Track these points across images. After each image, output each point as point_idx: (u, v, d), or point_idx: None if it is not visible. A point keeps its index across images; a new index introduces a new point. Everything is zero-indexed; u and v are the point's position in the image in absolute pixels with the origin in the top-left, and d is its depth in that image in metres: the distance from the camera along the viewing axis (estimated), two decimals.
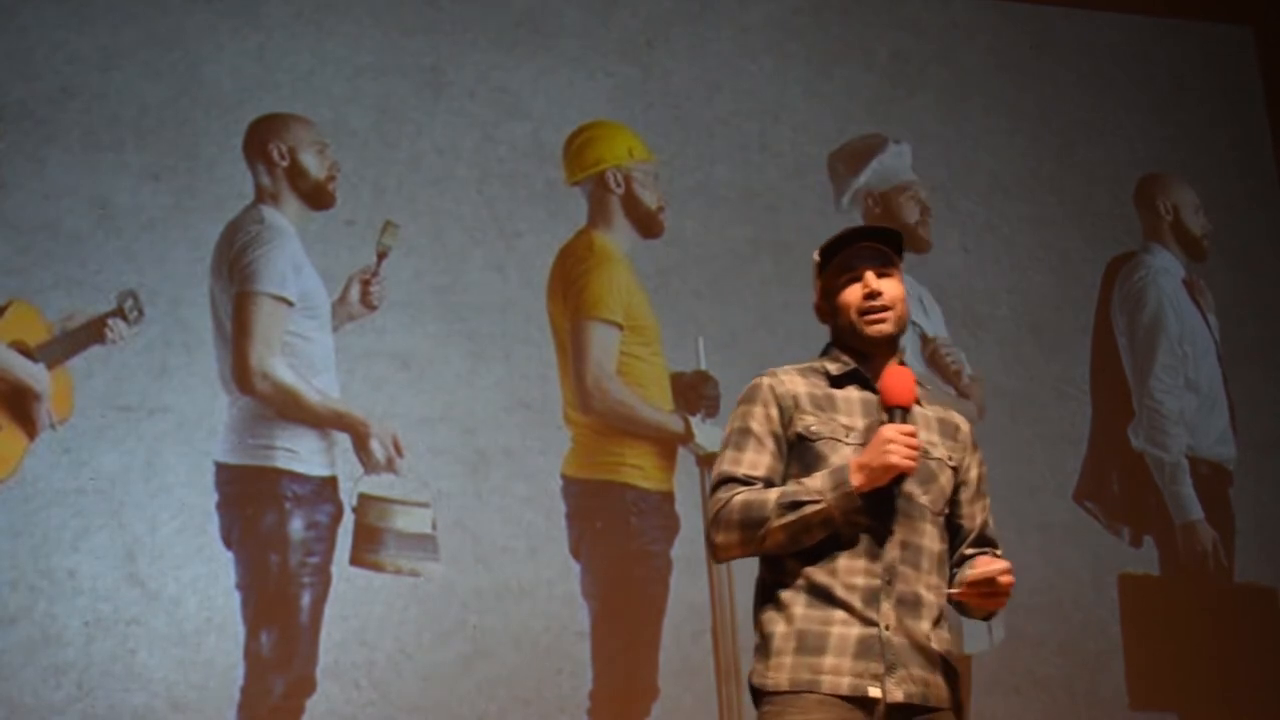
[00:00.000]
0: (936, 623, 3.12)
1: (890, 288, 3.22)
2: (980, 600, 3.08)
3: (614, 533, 5.56)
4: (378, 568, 5.31)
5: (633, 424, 5.64)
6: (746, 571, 5.64)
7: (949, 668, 3.12)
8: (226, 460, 5.26)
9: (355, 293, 5.53)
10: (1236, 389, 6.51)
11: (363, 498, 5.35)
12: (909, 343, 6.06)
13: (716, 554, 3.14)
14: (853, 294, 3.22)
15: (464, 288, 5.66)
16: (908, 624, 3.06)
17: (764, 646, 3.09)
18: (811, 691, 3.00)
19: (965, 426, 3.31)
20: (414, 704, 5.23)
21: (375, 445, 5.38)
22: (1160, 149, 6.74)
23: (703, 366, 5.80)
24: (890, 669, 3.02)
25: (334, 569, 5.27)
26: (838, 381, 3.21)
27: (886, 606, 3.05)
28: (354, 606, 5.26)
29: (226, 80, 5.61)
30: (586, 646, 5.43)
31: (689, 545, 5.61)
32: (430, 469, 5.43)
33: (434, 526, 5.39)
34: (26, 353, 5.16)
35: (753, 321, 5.92)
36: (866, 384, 3.20)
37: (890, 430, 3.03)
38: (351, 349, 5.48)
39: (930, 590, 3.11)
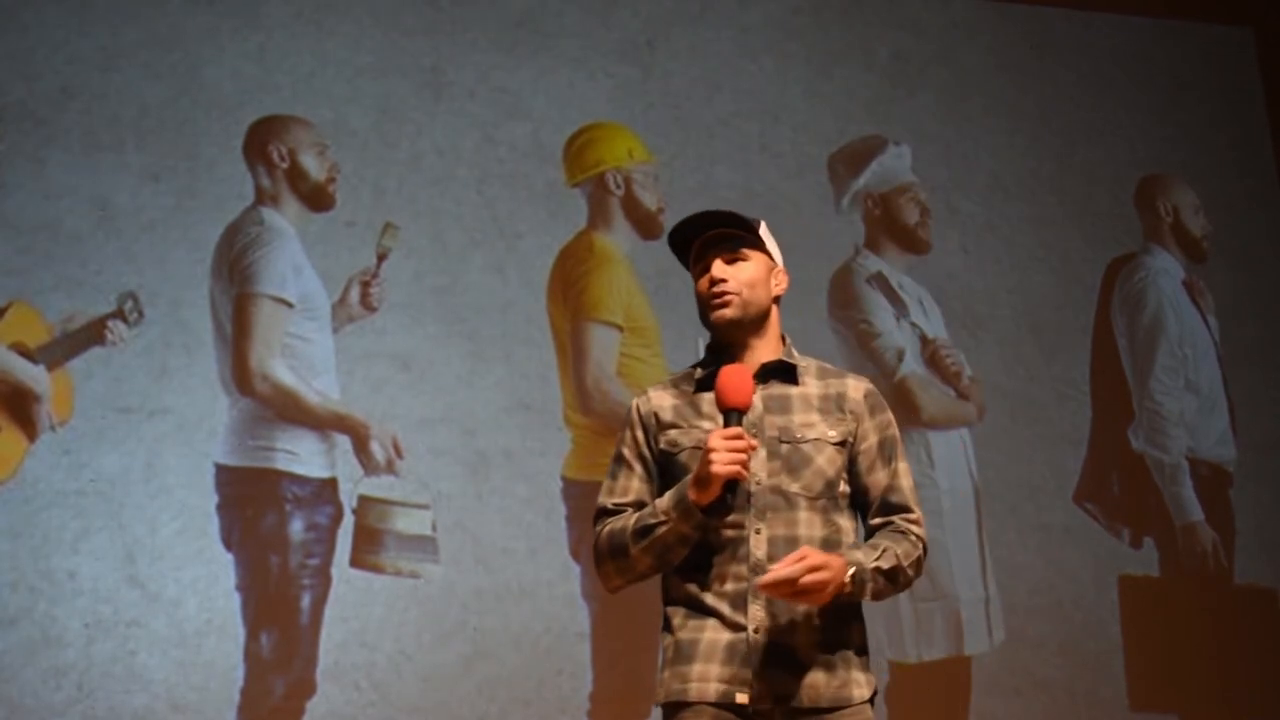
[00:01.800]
0: (821, 614, 3.00)
1: (740, 272, 3.14)
2: (790, 597, 2.92)
3: None
4: (378, 569, 5.32)
5: None
6: None
7: (829, 664, 3.00)
8: (226, 462, 5.26)
9: (355, 294, 5.53)
10: (1236, 390, 6.51)
11: (363, 499, 5.35)
12: (909, 344, 6.07)
13: (606, 585, 3.13)
14: (703, 285, 3.16)
15: (464, 289, 5.66)
16: (780, 623, 2.99)
17: (661, 660, 3.09)
18: (682, 702, 2.99)
19: (856, 394, 3.18)
20: (414, 705, 5.23)
21: (375, 447, 5.38)
22: (1160, 150, 6.74)
23: None
24: (758, 673, 2.97)
25: (334, 570, 5.27)
26: (702, 384, 3.15)
27: (755, 608, 3.00)
28: (354, 608, 5.26)
29: (227, 81, 5.61)
30: (587, 648, 5.44)
31: None
32: (430, 470, 5.43)
33: (434, 528, 5.39)
34: (27, 354, 5.16)
35: None
36: None
37: (713, 438, 2.92)
38: (351, 350, 5.48)
39: None
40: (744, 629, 2.99)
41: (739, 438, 2.92)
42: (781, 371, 3.18)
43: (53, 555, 5.06)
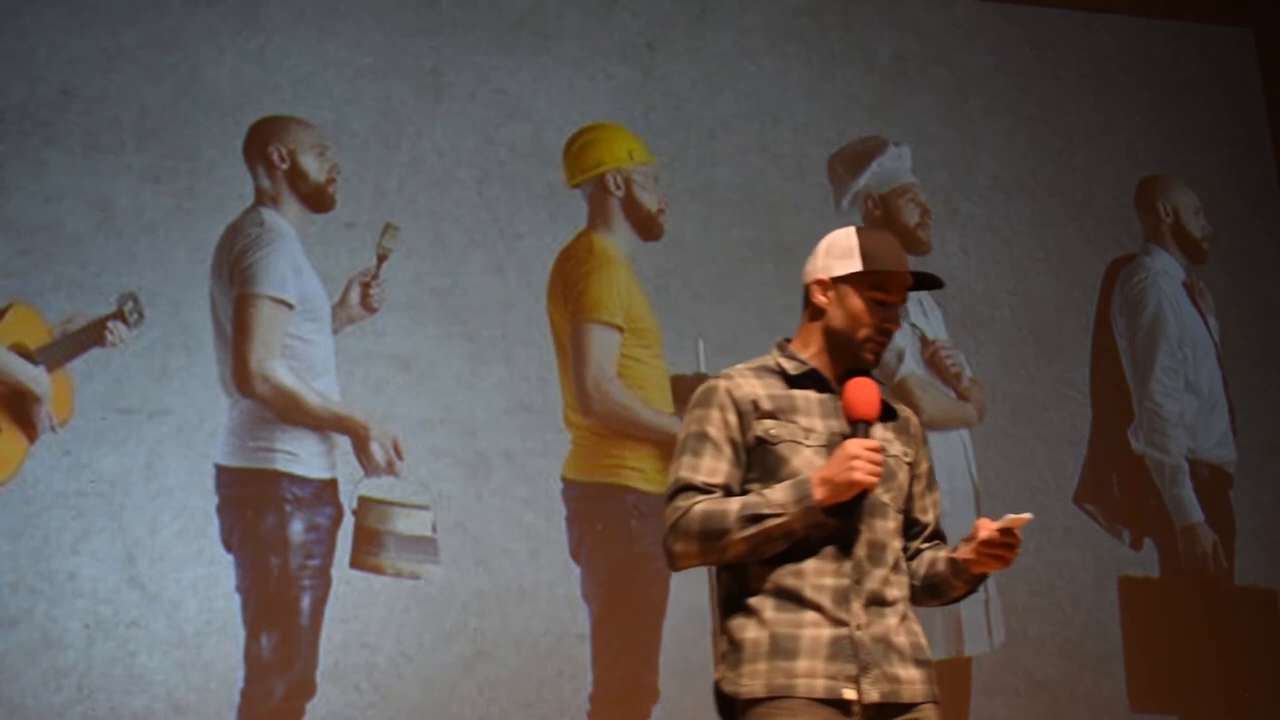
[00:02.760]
0: (904, 618, 3.12)
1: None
2: (991, 557, 3.13)
3: (614, 535, 5.56)
4: (378, 570, 5.32)
5: (633, 426, 5.65)
6: None
7: (921, 662, 3.12)
8: (227, 463, 5.26)
9: (355, 295, 5.53)
10: (1237, 391, 6.51)
11: (363, 500, 5.35)
12: (909, 345, 6.07)
13: (674, 562, 3.10)
14: (873, 314, 3.16)
15: (464, 290, 5.66)
16: (877, 622, 3.06)
17: (734, 653, 3.06)
18: (788, 696, 2.98)
19: (915, 420, 3.31)
20: (414, 706, 5.23)
21: (375, 448, 5.38)
22: (1160, 151, 6.74)
23: (703, 369, 5.80)
24: (864, 669, 3.02)
25: (334, 571, 5.27)
26: (795, 382, 3.18)
27: (856, 606, 3.05)
28: (354, 609, 5.26)
29: (227, 82, 5.60)
30: (587, 649, 5.43)
31: None
32: (430, 471, 5.43)
33: (434, 529, 5.39)
34: (27, 355, 5.16)
35: (753, 324, 5.91)
36: (824, 386, 3.18)
37: (855, 445, 3.01)
38: (351, 351, 5.48)
39: (896, 586, 3.11)
40: (846, 625, 3.03)
41: (879, 450, 3.02)
42: None
43: (53, 556, 5.06)
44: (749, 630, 3.06)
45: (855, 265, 3.16)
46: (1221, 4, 6.96)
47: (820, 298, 3.20)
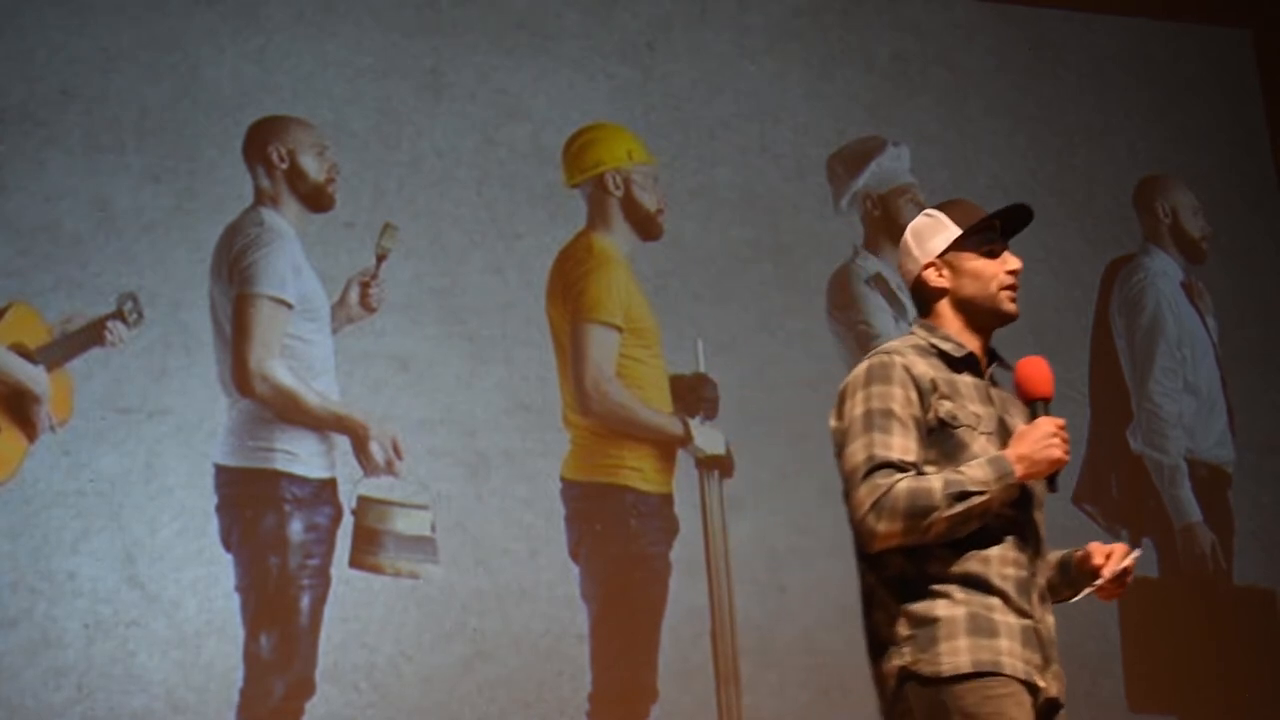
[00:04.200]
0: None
1: None
2: (1117, 588, 3.12)
3: (613, 535, 5.56)
4: (377, 570, 5.32)
5: (632, 426, 5.65)
6: (746, 573, 5.68)
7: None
8: (226, 462, 5.26)
9: (354, 295, 5.53)
10: (1235, 391, 6.52)
11: (362, 500, 5.35)
12: None
13: (874, 542, 2.96)
14: (995, 266, 3.14)
15: (463, 290, 5.66)
16: (1047, 617, 3.04)
17: (925, 633, 2.94)
18: (996, 673, 2.91)
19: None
20: (414, 706, 5.23)
21: (375, 447, 5.38)
22: (1159, 151, 6.74)
23: (702, 369, 5.80)
24: (1046, 663, 3.00)
25: (333, 571, 5.27)
26: (959, 364, 3.12)
27: (1035, 598, 3.02)
28: (354, 609, 5.27)
29: (227, 82, 5.60)
30: (586, 649, 5.44)
31: (688, 548, 5.62)
32: (430, 471, 5.43)
33: (433, 529, 5.39)
34: (26, 355, 5.16)
35: (752, 324, 5.92)
36: (976, 369, 3.14)
37: (1049, 424, 3.00)
38: (351, 351, 5.48)
39: (1045, 580, 3.09)
40: (1030, 617, 2.99)
41: (1064, 426, 3.01)
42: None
43: (52, 556, 5.06)
44: (939, 609, 2.95)
45: (953, 232, 3.14)
46: (1221, 5, 6.96)
47: (939, 280, 3.16)
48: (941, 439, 3.02)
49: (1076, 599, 3.21)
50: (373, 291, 5.54)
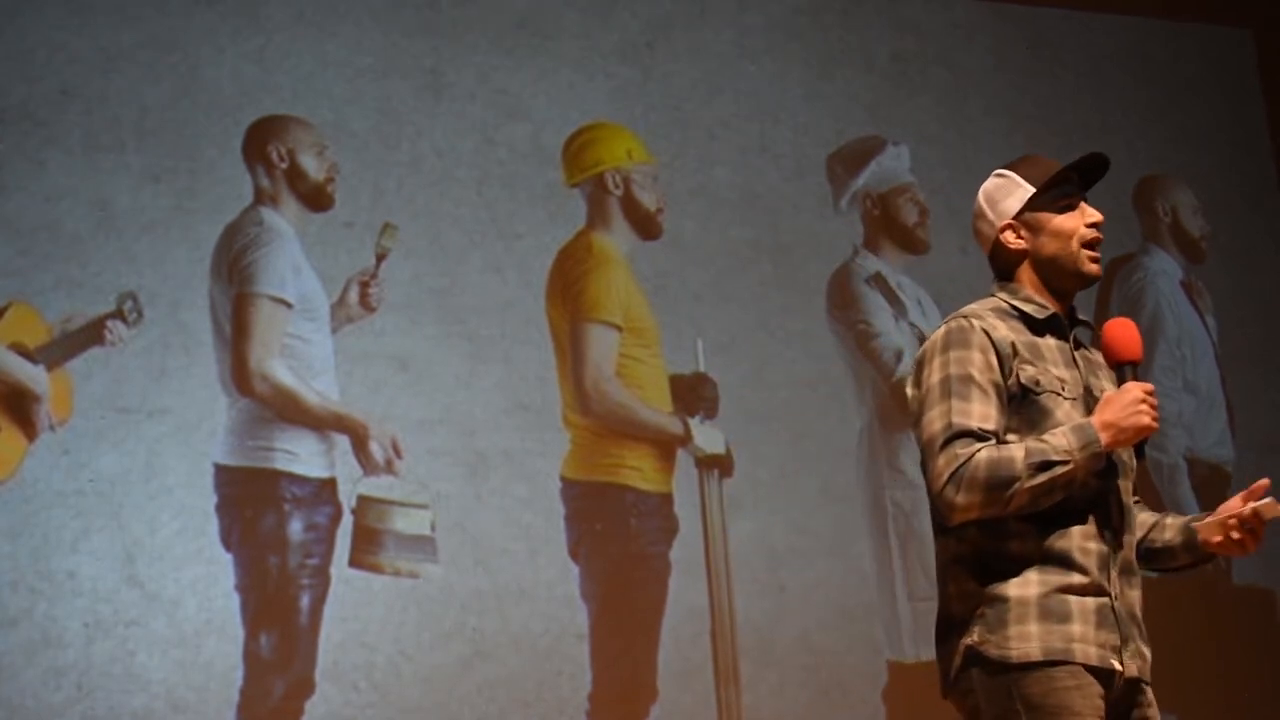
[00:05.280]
0: (1140, 590, 2.97)
1: None
2: (1237, 543, 2.94)
3: (613, 535, 5.56)
4: (377, 569, 5.32)
5: (632, 426, 5.65)
6: (746, 573, 5.68)
7: (1147, 638, 2.97)
8: (226, 462, 5.26)
9: (354, 295, 5.53)
10: (1235, 390, 6.52)
11: (362, 499, 5.35)
12: (907, 344, 6.07)
13: (953, 514, 2.83)
14: (1074, 221, 3.01)
15: (463, 289, 5.66)
16: (1129, 593, 2.91)
17: (996, 613, 2.84)
18: (1067, 662, 2.80)
19: None
20: (413, 706, 5.24)
21: (374, 447, 5.38)
22: (1159, 150, 6.74)
23: (702, 369, 5.81)
24: (1125, 642, 2.87)
25: (333, 571, 5.27)
26: (1041, 327, 2.98)
27: (1114, 574, 2.89)
28: (353, 608, 5.27)
29: (227, 82, 5.61)
30: (586, 648, 5.44)
31: (688, 547, 5.62)
32: (429, 471, 5.44)
33: (433, 528, 5.40)
34: (26, 354, 5.16)
35: (752, 323, 5.92)
36: (1060, 331, 3.00)
37: (1137, 389, 2.83)
38: (350, 351, 5.49)
39: (1134, 553, 2.97)
40: (1108, 594, 2.87)
41: (1153, 392, 2.86)
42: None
43: (52, 555, 5.06)
44: (1012, 589, 2.84)
45: (1027, 190, 3.05)
46: (1220, 4, 6.96)
47: (1017, 241, 3.03)
48: (1024, 406, 2.89)
49: (1195, 566, 3.08)
50: (372, 291, 5.54)
